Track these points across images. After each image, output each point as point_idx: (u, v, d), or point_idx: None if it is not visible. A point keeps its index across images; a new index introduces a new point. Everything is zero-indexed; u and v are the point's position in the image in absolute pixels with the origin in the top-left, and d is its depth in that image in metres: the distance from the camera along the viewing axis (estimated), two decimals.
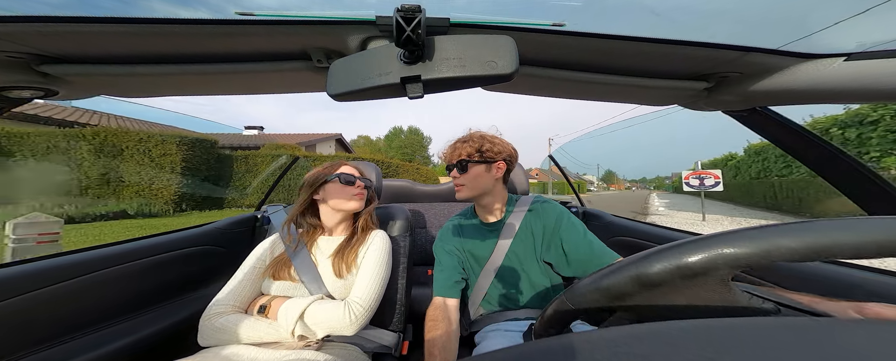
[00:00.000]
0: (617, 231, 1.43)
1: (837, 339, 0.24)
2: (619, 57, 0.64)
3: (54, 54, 0.59)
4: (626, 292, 0.39)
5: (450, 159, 1.05)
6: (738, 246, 0.33)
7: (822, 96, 0.63)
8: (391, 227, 1.19)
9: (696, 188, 10.05)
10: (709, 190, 9.93)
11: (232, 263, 1.02)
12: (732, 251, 0.33)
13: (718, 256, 0.33)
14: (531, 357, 0.27)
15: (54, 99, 0.73)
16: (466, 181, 1.02)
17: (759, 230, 0.33)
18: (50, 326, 0.81)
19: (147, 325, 0.99)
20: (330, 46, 0.59)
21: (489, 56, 0.45)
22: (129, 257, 1.00)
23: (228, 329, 0.82)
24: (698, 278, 0.35)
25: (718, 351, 0.23)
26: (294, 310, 0.82)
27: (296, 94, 2.81)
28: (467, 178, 1.02)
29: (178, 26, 0.53)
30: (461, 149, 1.03)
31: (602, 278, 0.42)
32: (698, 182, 10.00)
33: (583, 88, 0.76)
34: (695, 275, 0.35)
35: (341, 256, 0.98)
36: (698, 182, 10.00)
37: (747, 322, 0.27)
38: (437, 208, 2.04)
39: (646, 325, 0.27)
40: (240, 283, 0.93)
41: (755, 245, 0.32)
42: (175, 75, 0.65)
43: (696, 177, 10.05)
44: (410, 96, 0.49)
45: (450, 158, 1.05)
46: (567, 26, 0.53)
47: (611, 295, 0.41)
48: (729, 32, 1.23)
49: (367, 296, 0.89)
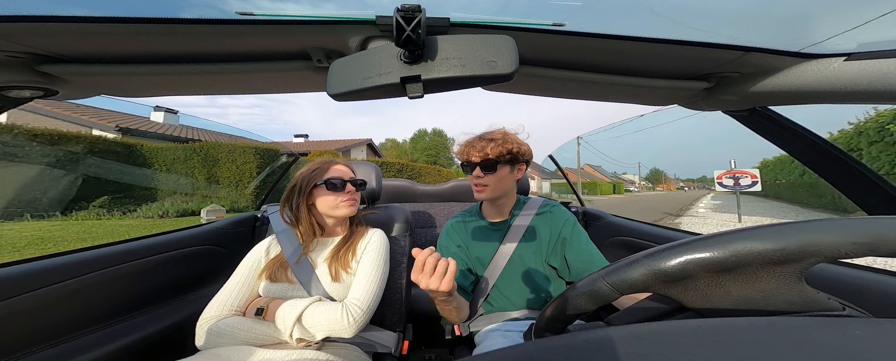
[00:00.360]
0: (617, 231, 1.43)
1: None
2: (620, 57, 0.64)
3: (54, 54, 0.59)
4: (688, 274, 0.37)
5: (470, 156, 0.98)
6: (839, 236, 0.31)
7: (823, 96, 0.63)
8: (391, 227, 1.19)
9: (730, 189, 9.85)
10: (745, 190, 9.68)
11: (232, 263, 1.01)
12: (834, 240, 0.31)
13: (817, 241, 0.32)
14: (531, 356, 0.27)
15: (54, 99, 0.73)
16: (491, 183, 0.97)
17: (865, 221, 0.32)
18: (50, 326, 0.81)
19: (147, 325, 0.99)
20: (330, 46, 0.59)
21: (489, 56, 0.45)
22: (129, 256, 1.00)
23: (226, 332, 0.82)
24: (780, 267, 0.34)
25: (719, 351, 0.23)
26: (292, 313, 0.81)
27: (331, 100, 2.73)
28: (493, 179, 0.97)
29: (178, 26, 0.53)
30: (488, 148, 0.96)
31: (658, 258, 0.39)
32: (733, 182, 9.77)
33: (583, 87, 0.76)
34: (781, 262, 0.34)
35: (338, 257, 0.97)
36: (733, 182, 9.77)
37: (752, 321, 0.27)
38: (436, 208, 2.04)
39: (646, 325, 0.27)
40: (236, 285, 0.92)
41: (857, 236, 0.31)
42: (175, 75, 0.65)
43: (729, 177, 9.83)
44: (410, 96, 0.49)
45: (470, 155, 0.98)
46: (567, 26, 0.53)
47: (665, 278, 0.38)
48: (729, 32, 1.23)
49: (366, 297, 0.88)
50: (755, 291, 0.38)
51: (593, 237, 1.08)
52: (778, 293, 0.37)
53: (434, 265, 0.69)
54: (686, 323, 0.27)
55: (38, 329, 0.79)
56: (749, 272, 0.37)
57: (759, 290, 0.37)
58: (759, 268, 0.36)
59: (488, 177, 0.97)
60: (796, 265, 0.35)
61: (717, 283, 0.39)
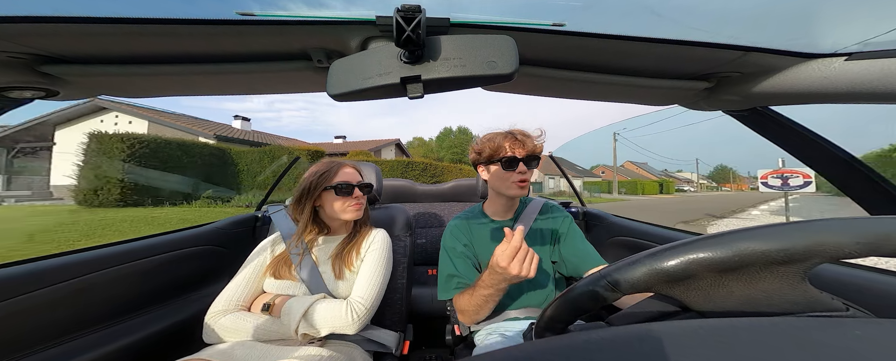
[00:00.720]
0: (618, 232, 1.43)
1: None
2: (620, 57, 0.64)
3: (55, 54, 0.59)
4: (690, 274, 0.37)
5: (515, 151, 0.97)
6: (843, 235, 0.31)
7: (823, 96, 0.63)
8: (392, 227, 1.19)
9: (777, 189, 9.38)
10: (796, 190, 9.17)
11: (233, 263, 1.02)
12: (838, 239, 0.31)
13: (821, 241, 0.31)
14: (531, 356, 0.27)
15: (54, 99, 0.73)
16: (529, 178, 0.98)
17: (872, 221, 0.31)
18: (51, 326, 0.81)
19: (148, 325, 0.99)
20: (330, 46, 0.59)
21: (489, 56, 0.45)
22: (130, 257, 1.00)
23: (233, 327, 0.84)
24: (783, 267, 0.34)
25: (721, 352, 0.23)
26: (298, 309, 0.83)
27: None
28: (530, 175, 0.98)
29: (178, 26, 0.53)
30: (532, 144, 0.97)
31: (660, 257, 0.38)
32: (781, 182, 9.25)
33: (583, 87, 0.76)
34: (784, 262, 0.33)
35: (341, 255, 0.98)
36: (781, 182, 9.25)
37: (753, 322, 0.27)
38: (437, 208, 2.04)
39: (647, 325, 0.27)
40: (243, 281, 0.94)
41: (861, 236, 0.30)
42: (175, 75, 0.65)
43: (776, 177, 9.32)
44: (410, 96, 0.49)
45: (515, 150, 0.97)
46: (567, 26, 0.53)
47: (668, 278, 0.38)
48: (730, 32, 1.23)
49: (369, 295, 0.90)
50: (758, 291, 0.37)
51: (594, 237, 1.09)
52: (781, 294, 0.37)
53: (527, 252, 0.68)
54: (688, 324, 0.27)
55: (40, 328, 0.79)
56: (752, 272, 0.37)
57: (762, 290, 0.37)
58: (763, 268, 0.36)
59: (530, 173, 0.98)
60: (800, 265, 0.34)
61: (720, 283, 0.39)
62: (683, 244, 0.38)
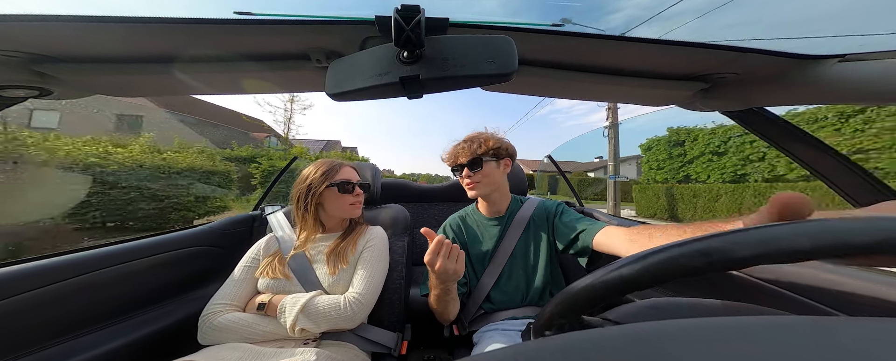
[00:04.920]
0: None
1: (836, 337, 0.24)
2: (618, 58, 0.64)
3: (50, 53, 0.58)
4: (695, 267, 0.35)
5: (457, 159, 1.05)
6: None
7: (818, 97, 0.63)
8: (390, 226, 1.19)
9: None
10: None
11: (231, 263, 1.01)
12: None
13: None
14: (530, 356, 0.27)
15: (49, 98, 0.72)
16: (480, 178, 1.03)
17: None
18: (49, 326, 0.81)
19: (146, 325, 0.98)
20: (329, 46, 0.59)
21: (488, 56, 0.45)
22: (127, 257, 0.99)
23: (228, 328, 0.83)
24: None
25: (722, 351, 0.23)
26: (294, 305, 0.83)
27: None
28: (481, 175, 1.03)
29: (175, 25, 0.53)
30: (469, 149, 1.03)
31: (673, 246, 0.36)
32: None
33: (581, 88, 0.76)
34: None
35: (336, 253, 0.98)
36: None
37: (756, 320, 0.27)
38: (435, 208, 2.04)
39: (646, 324, 0.27)
40: (237, 282, 0.94)
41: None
42: (172, 75, 0.65)
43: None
44: (409, 96, 0.49)
45: (458, 158, 1.05)
46: (566, 26, 0.53)
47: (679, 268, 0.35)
48: (726, 34, 1.24)
49: (365, 291, 0.90)
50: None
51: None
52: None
53: (450, 249, 0.74)
54: (688, 322, 0.27)
55: (37, 329, 0.79)
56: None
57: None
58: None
59: (477, 174, 1.03)
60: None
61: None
62: (685, 243, 0.37)
